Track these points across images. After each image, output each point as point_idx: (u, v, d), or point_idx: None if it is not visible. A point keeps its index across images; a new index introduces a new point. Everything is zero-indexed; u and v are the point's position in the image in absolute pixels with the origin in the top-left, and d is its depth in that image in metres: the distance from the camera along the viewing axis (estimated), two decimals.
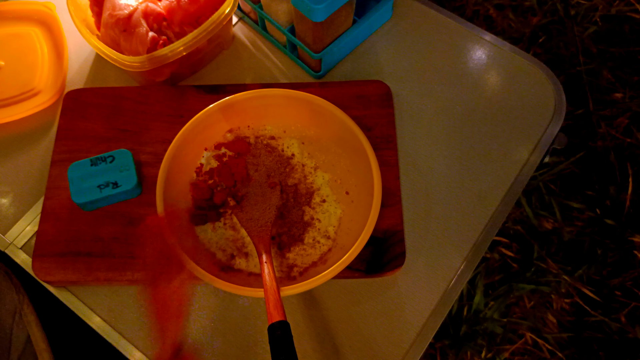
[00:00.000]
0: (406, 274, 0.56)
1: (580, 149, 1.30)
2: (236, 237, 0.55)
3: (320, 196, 0.57)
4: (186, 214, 0.56)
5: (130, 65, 0.58)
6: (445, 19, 0.71)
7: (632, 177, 1.26)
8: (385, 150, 0.60)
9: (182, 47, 0.58)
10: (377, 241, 0.55)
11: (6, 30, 0.70)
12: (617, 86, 1.38)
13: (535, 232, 1.21)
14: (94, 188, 0.56)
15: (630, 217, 1.22)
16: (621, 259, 1.18)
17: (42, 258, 0.55)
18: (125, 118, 0.62)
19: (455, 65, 0.68)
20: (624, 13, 1.48)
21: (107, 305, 0.55)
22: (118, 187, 0.56)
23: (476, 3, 1.50)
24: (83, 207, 0.57)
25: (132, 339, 0.53)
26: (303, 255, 0.54)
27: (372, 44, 0.69)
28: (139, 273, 0.54)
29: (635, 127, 1.32)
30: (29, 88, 0.65)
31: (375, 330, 0.54)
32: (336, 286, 0.56)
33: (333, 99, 0.59)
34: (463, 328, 1.11)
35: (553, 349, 1.10)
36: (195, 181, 0.58)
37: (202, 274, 0.49)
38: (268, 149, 0.59)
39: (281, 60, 0.69)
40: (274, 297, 0.46)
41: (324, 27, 0.60)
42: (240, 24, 0.72)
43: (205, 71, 0.68)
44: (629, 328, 1.11)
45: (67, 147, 0.61)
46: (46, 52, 0.68)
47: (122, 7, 0.60)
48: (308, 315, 0.54)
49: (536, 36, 1.45)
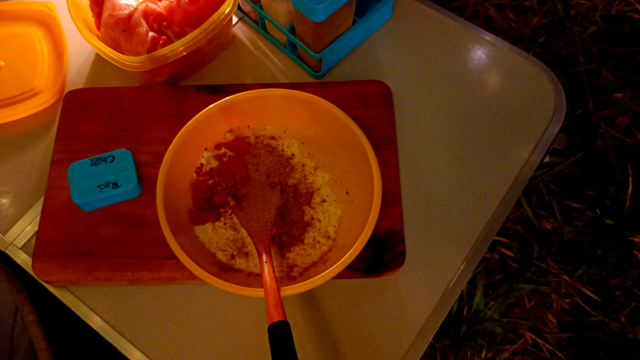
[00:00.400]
0: (406, 274, 0.56)
1: (580, 149, 1.30)
2: (236, 237, 0.55)
3: (320, 196, 0.57)
4: (186, 214, 0.56)
5: (130, 65, 0.58)
6: (445, 19, 0.71)
7: (632, 177, 1.26)
8: (385, 150, 0.60)
9: (182, 47, 0.58)
10: (377, 241, 0.55)
11: (6, 30, 0.70)
12: (617, 86, 1.38)
13: (535, 232, 1.21)
14: (94, 188, 0.56)
15: (630, 217, 1.22)
16: (621, 259, 1.18)
17: (42, 258, 0.55)
18: (125, 118, 0.62)
19: (455, 65, 0.68)
20: (624, 13, 1.48)
21: (107, 305, 0.55)
22: (118, 187, 0.56)
23: (476, 3, 1.50)
24: (83, 207, 0.57)
25: (132, 339, 0.53)
26: (303, 255, 0.54)
27: (372, 44, 0.69)
28: (139, 273, 0.54)
29: (635, 127, 1.32)
30: (28, 88, 0.65)
31: (375, 330, 0.54)
32: (336, 286, 0.56)
33: (333, 99, 0.59)
34: (463, 328, 1.11)
35: (553, 349, 1.10)
36: (195, 181, 0.58)
37: (202, 274, 0.49)
38: (268, 149, 0.59)
39: (281, 60, 0.69)
40: (274, 297, 0.46)
41: (324, 27, 0.60)
42: (240, 24, 0.72)
43: (205, 71, 0.68)
44: (629, 328, 1.11)
45: (67, 147, 0.61)
46: (46, 52, 0.68)
47: (122, 7, 0.60)
48: (308, 315, 0.54)
49: (536, 36, 1.45)
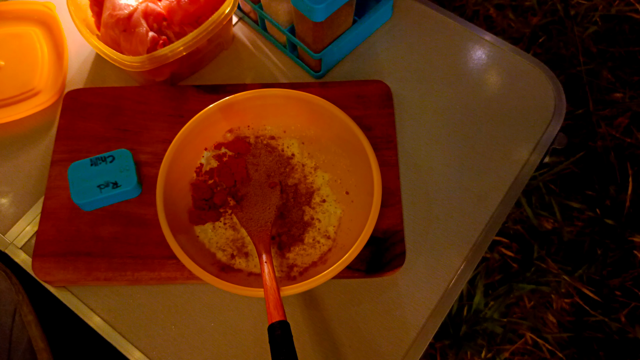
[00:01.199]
0: (406, 274, 0.56)
1: (580, 149, 1.30)
2: (236, 237, 0.55)
3: (320, 196, 0.57)
4: (186, 214, 0.56)
5: (130, 65, 0.58)
6: (445, 18, 0.71)
7: (632, 177, 1.26)
8: (385, 150, 0.60)
9: (182, 47, 0.58)
10: (377, 241, 0.55)
11: (6, 30, 0.70)
12: (617, 86, 1.38)
13: (535, 232, 1.21)
14: (94, 188, 0.56)
15: (630, 217, 1.22)
16: (621, 259, 1.18)
17: (42, 258, 0.55)
18: (125, 118, 0.62)
19: (455, 65, 0.68)
20: (624, 13, 1.48)
21: (107, 305, 0.55)
22: (118, 187, 0.56)
23: (476, 3, 1.50)
24: (83, 207, 0.57)
25: (132, 339, 0.53)
26: (303, 255, 0.54)
27: (372, 44, 0.69)
28: (139, 273, 0.54)
29: (635, 127, 1.32)
30: (28, 88, 0.65)
31: (375, 330, 0.54)
32: (336, 286, 0.56)
33: (333, 98, 0.59)
34: (463, 328, 1.11)
35: (553, 348, 1.10)
36: (195, 181, 0.58)
37: (202, 274, 0.49)
38: (268, 149, 0.59)
39: (281, 60, 0.69)
40: (274, 296, 0.46)
41: (324, 27, 0.60)
42: (240, 24, 0.72)
43: (205, 71, 0.68)
44: (628, 328, 1.11)
45: (67, 147, 0.61)
46: (46, 52, 0.68)
47: (122, 7, 0.60)
48: (308, 315, 0.54)
49: (536, 36, 1.45)
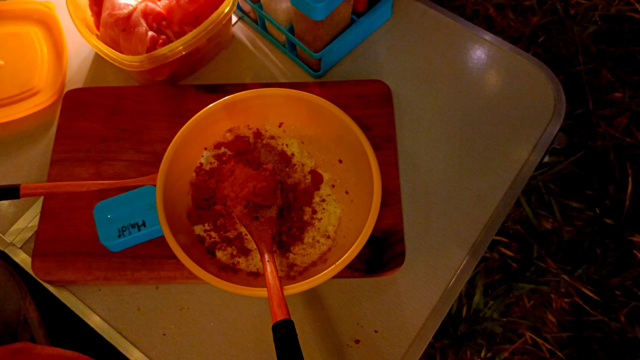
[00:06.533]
0: (406, 274, 0.56)
1: (580, 149, 1.30)
2: (236, 236, 0.55)
3: (320, 196, 0.57)
4: (186, 213, 0.56)
5: (130, 65, 0.58)
6: (445, 18, 0.71)
7: (631, 177, 1.26)
8: (385, 149, 0.60)
9: (182, 46, 0.58)
10: (377, 241, 0.55)
11: (6, 29, 0.70)
12: (617, 86, 1.38)
13: (535, 232, 1.21)
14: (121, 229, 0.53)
15: (630, 217, 1.22)
16: (621, 259, 1.18)
17: (42, 257, 0.55)
18: (125, 118, 0.62)
19: (455, 64, 0.68)
20: (623, 13, 1.48)
21: (107, 305, 0.55)
22: (146, 228, 0.54)
23: (476, 3, 1.50)
24: (111, 248, 0.54)
25: (132, 339, 0.53)
26: (303, 254, 0.54)
27: (371, 44, 0.69)
28: (138, 272, 0.54)
29: (635, 127, 1.32)
30: (28, 87, 0.65)
31: (375, 330, 0.54)
32: (336, 286, 0.56)
33: (333, 98, 0.59)
34: (462, 327, 1.11)
35: (553, 348, 1.10)
36: (195, 181, 0.58)
37: (202, 273, 0.49)
38: (268, 149, 0.59)
39: (281, 59, 0.69)
40: (278, 295, 0.46)
41: (323, 25, 0.60)
42: (239, 24, 0.72)
43: (204, 70, 0.68)
44: (628, 328, 1.11)
45: (66, 146, 0.61)
46: (45, 51, 0.68)
47: (121, 6, 0.60)
48: (308, 314, 0.54)
49: (536, 36, 1.45)
